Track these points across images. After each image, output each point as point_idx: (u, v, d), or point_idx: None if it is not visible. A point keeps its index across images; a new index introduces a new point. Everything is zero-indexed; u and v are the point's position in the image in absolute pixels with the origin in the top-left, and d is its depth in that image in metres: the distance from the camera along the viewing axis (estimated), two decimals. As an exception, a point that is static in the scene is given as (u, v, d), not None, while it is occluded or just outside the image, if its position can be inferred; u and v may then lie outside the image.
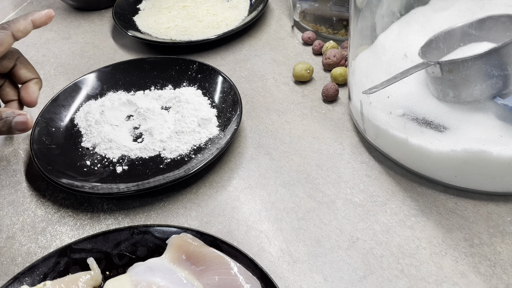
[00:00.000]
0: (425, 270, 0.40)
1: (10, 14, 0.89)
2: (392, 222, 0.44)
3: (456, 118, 0.43)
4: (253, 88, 0.62)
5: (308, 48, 0.69)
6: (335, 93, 0.58)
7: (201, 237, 0.41)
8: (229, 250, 0.39)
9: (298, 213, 0.46)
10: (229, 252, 0.39)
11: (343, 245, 0.43)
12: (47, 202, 0.50)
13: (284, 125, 0.56)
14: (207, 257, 0.39)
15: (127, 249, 0.41)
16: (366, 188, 0.48)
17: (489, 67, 0.40)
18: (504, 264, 0.40)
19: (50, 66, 0.72)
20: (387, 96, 0.47)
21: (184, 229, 0.41)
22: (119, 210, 0.48)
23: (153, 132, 0.54)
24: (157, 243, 0.41)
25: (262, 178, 0.50)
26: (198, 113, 0.55)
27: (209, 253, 0.39)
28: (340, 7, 0.67)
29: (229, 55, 0.70)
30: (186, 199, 0.49)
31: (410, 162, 0.47)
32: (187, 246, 0.40)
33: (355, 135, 0.54)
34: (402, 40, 0.44)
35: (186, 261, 0.39)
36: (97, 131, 0.55)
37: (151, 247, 0.41)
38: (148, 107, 0.57)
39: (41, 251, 0.45)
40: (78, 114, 0.59)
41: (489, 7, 0.42)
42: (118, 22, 0.74)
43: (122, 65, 0.64)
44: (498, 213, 0.44)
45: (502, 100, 0.41)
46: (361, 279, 0.40)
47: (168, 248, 0.40)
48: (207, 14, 0.76)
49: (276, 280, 0.41)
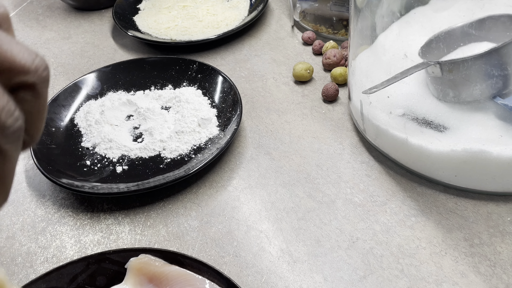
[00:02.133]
0: (425, 270, 0.40)
1: (10, 14, 0.89)
2: (392, 222, 0.44)
3: (456, 118, 0.43)
4: (253, 88, 0.62)
5: (308, 48, 0.69)
6: (335, 93, 0.58)
7: (161, 255, 0.39)
8: (192, 263, 0.38)
9: (298, 213, 0.46)
10: (193, 265, 0.38)
11: (343, 245, 0.43)
12: (47, 202, 0.50)
13: (284, 125, 0.56)
14: (170, 276, 0.37)
15: (85, 282, 0.38)
16: (366, 188, 0.48)
17: (489, 67, 0.40)
18: (504, 264, 0.40)
19: (50, 66, 0.72)
20: (387, 96, 0.47)
21: (141, 250, 0.39)
22: (119, 210, 0.48)
23: (153, 132, 0.54)
24: (116, 269, 0.39)
25: (262, 178, 0.50)
26: (198, 113, 0.55)
27: (172, 271, 0.37)
28: (340, 7, 0.67)
29: (229, 55, 0.70)
30: (186, 199, 0.49)
31: (410, 162, 0.47)
32: (148, 268, 0.38)
33: (355, 135, 0.54)
34: (402, 40, 0.45)
35: (148, 284, 0.37)
36: (97, 131, 0.55)
37: (110, 274, 0.39)
38: (148, 107, 0.57)
39: (41, 251, 0.45)
40: (78, 114, 0.59)
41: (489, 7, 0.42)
42: (118, 22, 0.74)
43: (122, 65, 0.64)
44: (498, 213, 0.44)
45: (502, 100, 0.41)
46: (361, 279, 0.40)
47: (128, 273, 0.38)
48: (207, 14, 0.76)
49: (276, 280, 0.41)
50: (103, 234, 0.46)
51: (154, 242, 0.45)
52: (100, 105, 0.59)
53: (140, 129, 0.56)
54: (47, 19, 0.85)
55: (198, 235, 0.45)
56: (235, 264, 0.42)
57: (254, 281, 0.41)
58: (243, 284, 0.41)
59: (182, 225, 0.46)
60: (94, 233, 0.46)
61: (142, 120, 0.57)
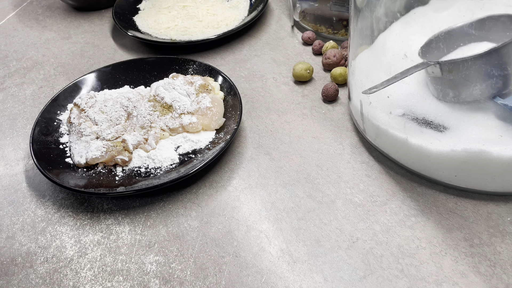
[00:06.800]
0: (425, 270, 0.40)
1: (10, 14, 0.89)
2: (392, 222, 0.44)
3: (456, 118, 0.43)
4: (253, 88, 0.62)
5: (308, 48, 0.69)
6: (335, 93, 0.58)
7: None
8: None
9: (298, 213, 0.46)
10: None
11: (343, 245, 0.43)
12: (47, 202, 0.50)
13: (284, 125, 0.56)
14: None
15: None
16: (366, 188, 0.48)
17: (489, 67, 0.40)
18: (504, 264, 0.40)
19: (50, 66, 0.72)
20: (387, 96, 0.47)
21: None
22: (119, 210, 0.48)
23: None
24: None
25: (262, 178, 0.50)
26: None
27: None
28: (340, 7, 0.67)
29: (229, 55, 0.70)
30: (186, 199, 0.49)
31: (410, 162, 0.47)
32: None
33: (355, 135, 0.54)
34: (402, 40, 0.44)
35: None
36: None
37: None
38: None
39: (41, 251, 0.45)
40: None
41: (489, 7, 0.42)
42: (118, 22, 0.74)
43: (122, 65, 0.64)
44: (498, 213, 0.44)
45: (502, 100, 0.41)
46: (361, 279, 0.40)
47: None
48: (207, 14, 0.76)
49: (276, 280, 0.41)
50: (103, 234, 0.46)
51: (154, 242, 0.45)
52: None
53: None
54: (47, 19, 0.85)
55: (198, 235, 0.45)
56: (235, 264, 0.42)
57: (254, 281, 0.41)
58: (243, 284, 0.41)
59: (182, 225, 0.46)
60: (94, 233, 0.46)
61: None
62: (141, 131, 0.53)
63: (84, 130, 0.53)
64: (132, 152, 0.51)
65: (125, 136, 0.52)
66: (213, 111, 0.54)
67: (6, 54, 0.76)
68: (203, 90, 0.56)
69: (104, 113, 0.54)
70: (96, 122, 0.54)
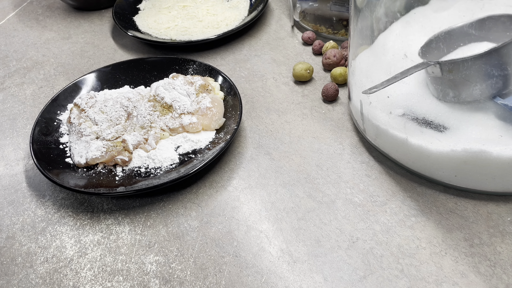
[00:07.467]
0: (425, 270, 0.40)
1: (10, 14, 0.89)
2: (392, 222, 0.44)
3: (456, 118, 0.43)
4: (253, 88, 0.62)
5: (308, 48, 0.69)
6: (335, 93, 0.58)
7: None
8: None
9: (298, 213, 0.46)
10: None
11: (343, 245, 0.43)
12: (47, 202, 0.50)
13: (284, 125, 0.56)
14: None
15: None
16: (366, 188, 0.48)
17: (489, 67, 0.40)
18: (504, 264, 0.40)
19: (50, 66, 0.72)
20: (387, 96, 0.47)
21: None
22: (119, 210, 0.48)
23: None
24: None
25: (262, 178, 0.50)
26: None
27: None
28: (340, 7, 0.67)
29: (229, 55, 0.70)
30: (186, 199, 0.49)
31: (410, 162, 0.47)
32: None
33: (355, 135, 0.54)
34: (402, 40, 0.44)
35: None
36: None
37: None
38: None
39: (41, 251, 0.45)
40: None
41: (489, 7, 0.42)
42: (118, 22, 0.74)
43: (122, 65, 0.64)
44: (498, 213, 0.44)
45: (502, 100, 0.41)
46: (361, 279, 0.40)
47: None
48: (207, 14, 0.76)
49: (276, 280, 0.41)
50: (103, 234, 0.46)
51: (154, 242, 0.45)
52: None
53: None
54: (47, 19, 0.85)
55: (198, 235, 0.45)
56: (235, 264, 0.42)
57: (254, 281, 0.41)
58: (243, 284, 0.41)
59: (182, 225, 0.46)
60: (94, 233, 0.46)
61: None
62: (141, 131, 0.53)
63: (84, 130, 0.53)
64: (132, 152, 0.51)
65: (125, 136, 0.52)
66: (213, 111, 0.54)
67: (6, 54, 0.76)
68: (203, 90, 0.56)
69: (104, 113, 0.54)
70: (96, 122, 0.54)
